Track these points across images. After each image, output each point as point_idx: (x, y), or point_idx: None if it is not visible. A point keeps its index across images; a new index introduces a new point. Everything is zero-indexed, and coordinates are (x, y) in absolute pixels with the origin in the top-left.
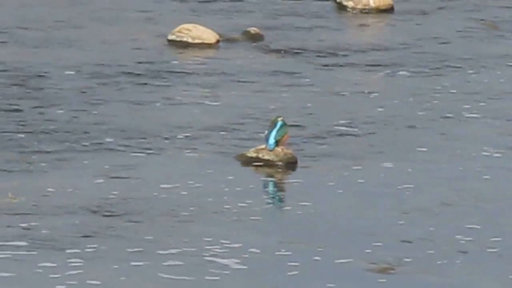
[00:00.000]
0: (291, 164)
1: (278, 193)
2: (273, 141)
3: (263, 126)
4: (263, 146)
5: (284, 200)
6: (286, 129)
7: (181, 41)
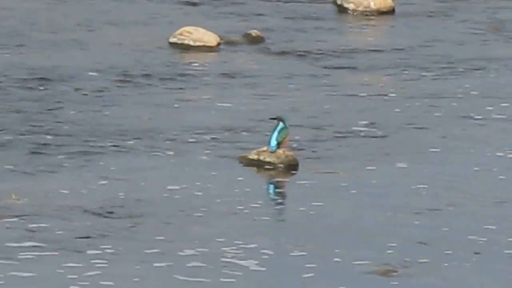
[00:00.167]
0: (292, 166)
1: (280, 195)
2: (275, 143)
3: (264, 128)
4: (265, 148)
5: (286, 202)
6: (288, 130)
7: (182, 44)
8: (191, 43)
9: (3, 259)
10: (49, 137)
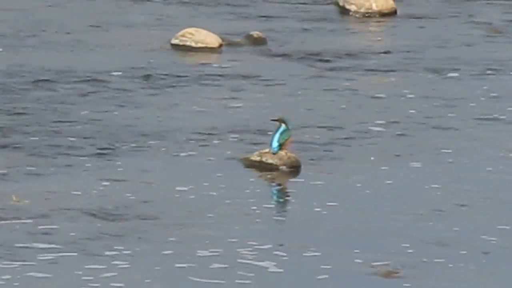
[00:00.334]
0: (294, 168)
1: (283, 197)
2: (276, 144)
3: (267, 130)
4: (267, 149)
5: (289, 203)
6: (290, 132)
7: (184, 45)
8: (193, 44)
9: (17, 260)
10: (52, 139)
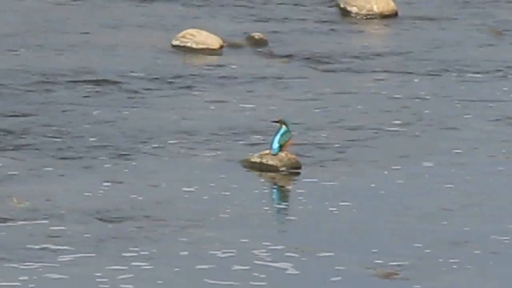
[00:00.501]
0: (295, 170)
1: (284, 198)
2: (277, 145)
3: (267, 131)
4: (267, 151)
5: (289, 205)
6: (290, 134)
7: (185, 46)
8: (194, 45)
9: (34, 261)
10: (48, 140)
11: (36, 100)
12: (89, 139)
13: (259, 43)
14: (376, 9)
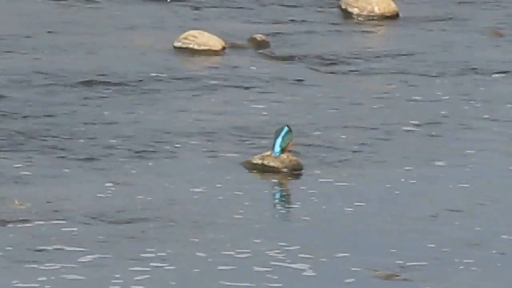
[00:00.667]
0: (296, 171)
1: (285, 200)
2: (278, 148)
3: (269, 133)
4: (268, 152)
5: (291, 207)
6: (292, 136)
7: (187, 48)
8: (196, 47)
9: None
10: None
11: (42, 101)
12: (96, 140)
13: (261, 44)
14: (377, 10)
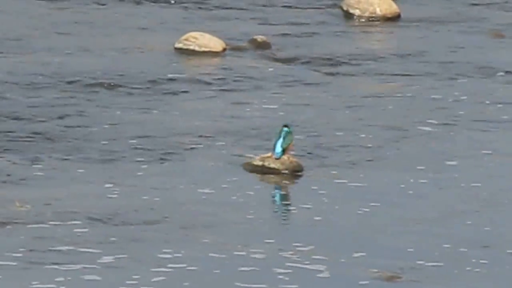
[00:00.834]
0: (296, 172)
1: (286, 201)
2: (279, 149)
3: (270, 134)
4: (269, 154)
5: (292, 208)
6: (292, 137)
7: (188, 49)
8: (197, 48)
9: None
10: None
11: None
12: (89, 142)
13: (262, 46)
14: (379, 11)
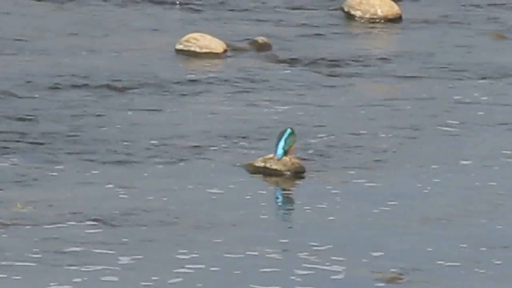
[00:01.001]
0: (298, 174)
1: (288, 203)
2: (281, 151)
3: (271, 136)
4: (271, 155)
5: (293, 209)
6: (294, 138)
7: (188, 51)
8: (198, 49)
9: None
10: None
11: (42, 104)
12: (90, 144)
13: (263, 47)
14: (380, 13)
